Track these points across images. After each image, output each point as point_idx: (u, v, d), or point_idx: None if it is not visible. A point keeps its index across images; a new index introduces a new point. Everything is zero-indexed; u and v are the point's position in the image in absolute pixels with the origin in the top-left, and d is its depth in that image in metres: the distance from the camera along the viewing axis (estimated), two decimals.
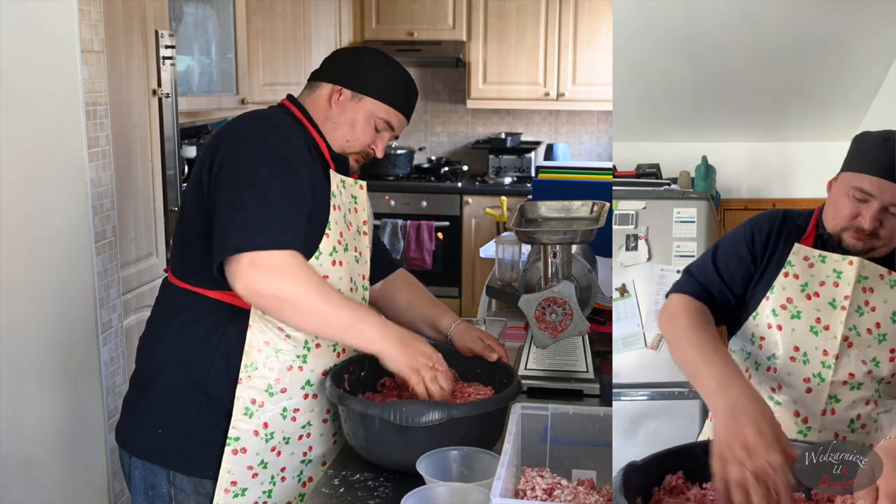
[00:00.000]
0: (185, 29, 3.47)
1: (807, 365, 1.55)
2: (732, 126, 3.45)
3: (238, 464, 1.62)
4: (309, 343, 1.65)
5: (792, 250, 1.58)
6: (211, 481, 1.63)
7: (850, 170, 1.57)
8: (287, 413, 1.64)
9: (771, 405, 1.54)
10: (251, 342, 1.60)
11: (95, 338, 2.65)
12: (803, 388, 1.56)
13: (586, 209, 2.01)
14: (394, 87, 1.74)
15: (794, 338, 1.56)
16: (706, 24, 2.96)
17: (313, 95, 1.74)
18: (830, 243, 1.60)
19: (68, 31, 2.50)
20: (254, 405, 1.61)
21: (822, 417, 1.54)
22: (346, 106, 1.72)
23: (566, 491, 1.33)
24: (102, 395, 2.67)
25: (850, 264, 1.55)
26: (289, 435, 1.65)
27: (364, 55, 1.77)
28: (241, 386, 1.60)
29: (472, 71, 5.47)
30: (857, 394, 1.54)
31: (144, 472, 1.67)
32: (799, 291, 1.57)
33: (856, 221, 1.54)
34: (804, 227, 1.62)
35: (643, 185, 3.01)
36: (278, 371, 1.62)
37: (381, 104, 1.72)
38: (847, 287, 1.55)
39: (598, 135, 5.78)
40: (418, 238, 5.28)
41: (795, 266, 1.58)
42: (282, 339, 1.62)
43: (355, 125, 1.72)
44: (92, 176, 2.59)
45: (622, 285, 2.74)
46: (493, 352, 1.78)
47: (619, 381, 2.68)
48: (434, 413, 1.47)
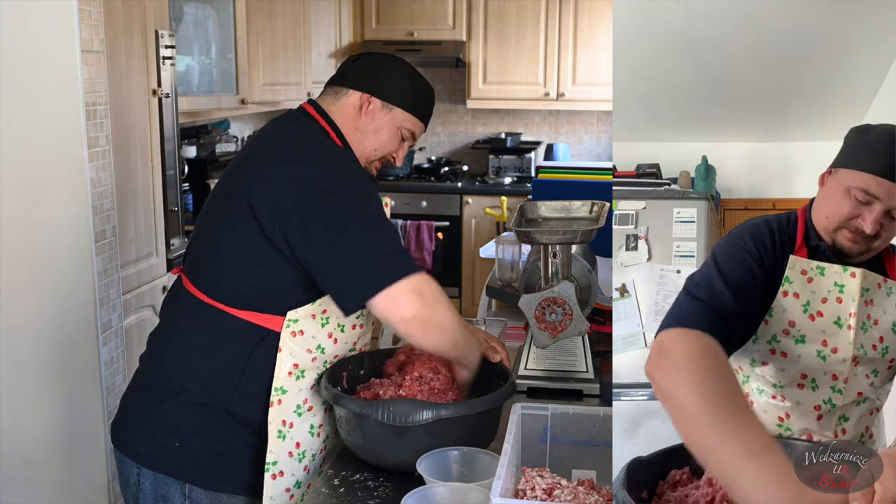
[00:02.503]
0: (185, 29, 3.47)
1: (816, 391, 1.45)
2: (732, 126, 3.44)
3: (278, 488, 1.61)
4: (329, 362, 1.67)
5: (788, 264, 1.42)
6: (226, 495, 1.63)
7: (851, 167, 1.42)
8: (314, 430, 1.66)
9: (780, 431, 1.48)
10: (281, 365, 1.59)
11: (95, 338, 2.65)
12: (814, 415, 1.46)
13: (586, 209, 2.01)
14: (421, 99, 1.76)
15: (801, 365, 1.44)
16: (706, 24, 2.96)
17: (339, 103, 1.71)
18: (823, 250, 1.46)
19: (68, 31, 2.49)
20: (285, 427, 1.61)
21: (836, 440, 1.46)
22: (375, 115, 1.71)
23: (566, 491, 1.33)
24: (102, 395, 2.67)
25: (852, 276, 1.42)
26: (315, 451, 1.67)
27: (390, 64, 1.76)
28: (273, 409, 1.60)
29: (472, 71, 5.47)
30: (863, 408, 1.49)
31: (156, 483, 1.64)
32: (801, 312, 1.42)
33: (855, 222, 1.41)
34: (794, 235, 1.46)
35: (643, 185, 3.01)
36: (305, 392, 1.63)
37: (409, 115, 1.74)
38: (852, 303, 1.41)
39: (598, 135, 5.78)
40: (418, 238, 5.28)
41: (794, 283, 1.42)
42: (309, 360, 1.63)
43: (382, 134, 1.72)
44: (92, 176, 2.58)
45: (622, 285, 2.74)
46: (497, 353, 1.78)
47: (619, 381, 2.68)
48: (424, 412, 1.47)
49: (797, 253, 1.44)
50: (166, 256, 3.17)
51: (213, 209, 1.67)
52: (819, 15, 2.92)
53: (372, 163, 1.76)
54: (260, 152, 1.66)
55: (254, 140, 1.75)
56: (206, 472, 1.62)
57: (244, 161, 1.68)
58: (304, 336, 1.61)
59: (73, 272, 2.60)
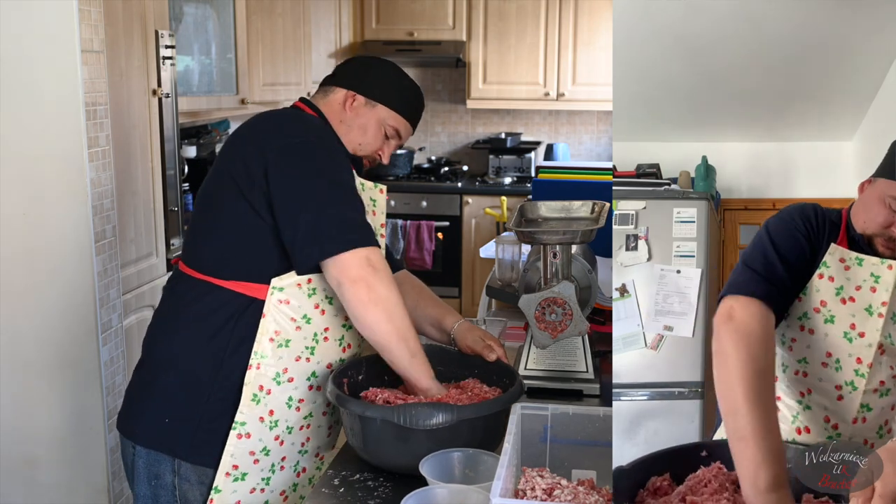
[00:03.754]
0: (185, 29, 3.47)
1: (839, 372, 1.50)
2: (732, 126, 3.44)
3: (241, 448, 1.65)
4: (318, 336, 1.68)
5: (828, 251, 1.51)
6: (213, 470, 1.66)
7: (888, 176, 1.51)
8: (292, 402, 1.68)
9: (800, 408, 1.54)
10: (263, 331, 1.63)
11: (95, 338, 2.65)
12: (835, 395, 1.51)
13: (586, 209, 2.01)
14: (405, 98, 1.83)
15: (827, 343, 1.50)
16: (706, 24, 2.96)
17: (327, 99, 1.81)
18: (863, 245, 1.54)
19: (68, 31, 2.49)
20: (261, 392, 1.64)
21: (854, 426, 1.50)
22: (359, 111, 1.79)
23: (566, 491, 1.33)
24: (102, 395, 2.67)
25: (889, 269, 1.49)
26: (292, 425, 1.69)
27: (378, 64, 1.85)
28: (251, 372, 1.63)
29: (472, 71, 5.47)
30: (885, 400, 1.51)
31: (149, 461, 1.70)
32: (833, 295, 1.50)
33: (890, 230, 1.49)
34: (838, 226, 1.56)
35: (643, 185, 3.01)
36: (287, 361, 1.65)
37: (392, 112, 1.80)
38: (885, 293, 1.48)
39: (598, 135, 5.78)
40: (418, 238, 5.28)
41: (831, 268, 1.50)
42: (293, 329, 1.65)
43: (367, 130, 1.79)
44: (92, 176, 2.59)
45: (622, 285, 2.74)
46: (493, 352, 1.79)
47: (619, 381, 2.68)
48: (440, 416, 1.47)
49: (839, 242, 1.52)
50: (166, 256, 3.17)
51: (202, 194, 1.76)
52: (819, 15, 2.92)
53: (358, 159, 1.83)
54: (243, 132, 1.74)
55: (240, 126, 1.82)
56: (195, 447, 1.66)
57: (227, 144, 1.76)
58: (290, 305, 1.64)
59: (73, 272, 2.60)
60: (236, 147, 1.70)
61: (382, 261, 1.61)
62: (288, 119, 1.74)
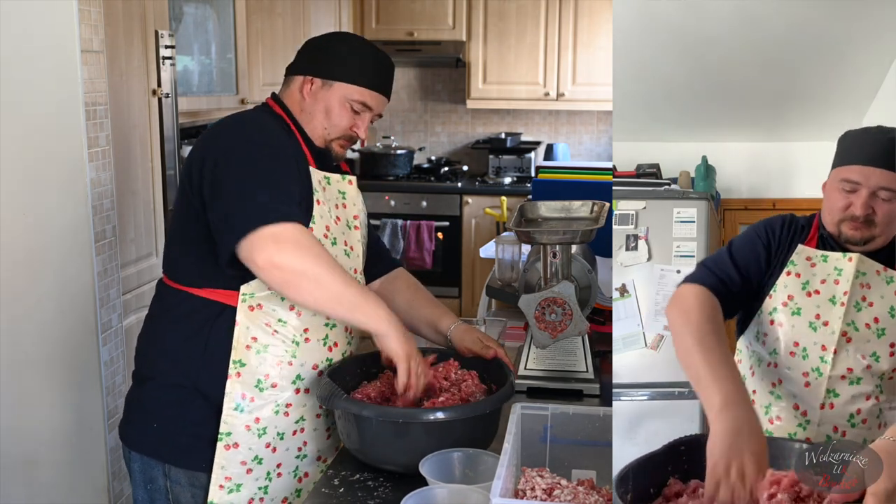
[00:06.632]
0: (185, 29, 3.47)
1: (806, 360, 1.59)
2: (732, 126, 3.44)
3: (231, 459, 1.63)
4: (297, 337, 1.66)
5: (795, 251, 1.63)
6: (204, 474, 1.65)
7: (835, 165, 1.64)
8: (279, 408, 1.66)
9: (771, 399, 1.63)
10: (238, 339, 1.62)
11: (95, 338, 2.65)
12: (802, 381, 1.59)
13: (586, 209, 2.01)
14: (363, 68, 1.74)
15: (794, 333, 1.60)
16: (706, 24, 2.96)
17: (288, 90, 1.78)
18: (831, 242, 1.64)
19: (68, 31, 2.49)
20: (244, 400, 1.63)
21: (822, 411, 1.57)
22: (317, 95, 1.74)
23: (566, 491, 1.33)
24: (102, 395, 2.67)
25: (849, 260, 1.59)
26: (283, 430, 1.67)
27: (330, 41, 1.79)
28: (231, 381, 1.62)
29: (471, 71, 5.47)
30: (855, 389, 1.57)
31: (143, 466, 1.71)
32: (800, 289, 1.61)
33: (849, 211, 1.59)
34: (808, 230, 1.67)
35: (643, 185, 3.01)
36: (268, 366, 1.64)
37: (352, 87, 1.73)
38: (846, 283, 1.58)
39: (598, 135, 5.78)
40: (418, 238, 5.28)
41: (798, 265, 1.62)
42: (269, 334, 1.63)
43: (330, 112, 1.73)
44: (92, 176, 2.58)
45: (622, 285, 2.74)
46: (489, 349, 1.78)
47: (619, 381, 2.68)
48: (434, 412, 1.47)
49: (807, 243, 1.64)
50: None
51: (174, 204, 1.80)
52: (819, 15, 2.92)
53: (332, 142, 1.76)
54: (197, 142, 1.75)
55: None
56: (184, 451, 1.66)
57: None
58: (263, 310, 1.63)
59: (73, 272, 2.60)
60: (190, 156, 1.70)
61: (294, 231, 1.51)
62: (229, 120, 1.73)
